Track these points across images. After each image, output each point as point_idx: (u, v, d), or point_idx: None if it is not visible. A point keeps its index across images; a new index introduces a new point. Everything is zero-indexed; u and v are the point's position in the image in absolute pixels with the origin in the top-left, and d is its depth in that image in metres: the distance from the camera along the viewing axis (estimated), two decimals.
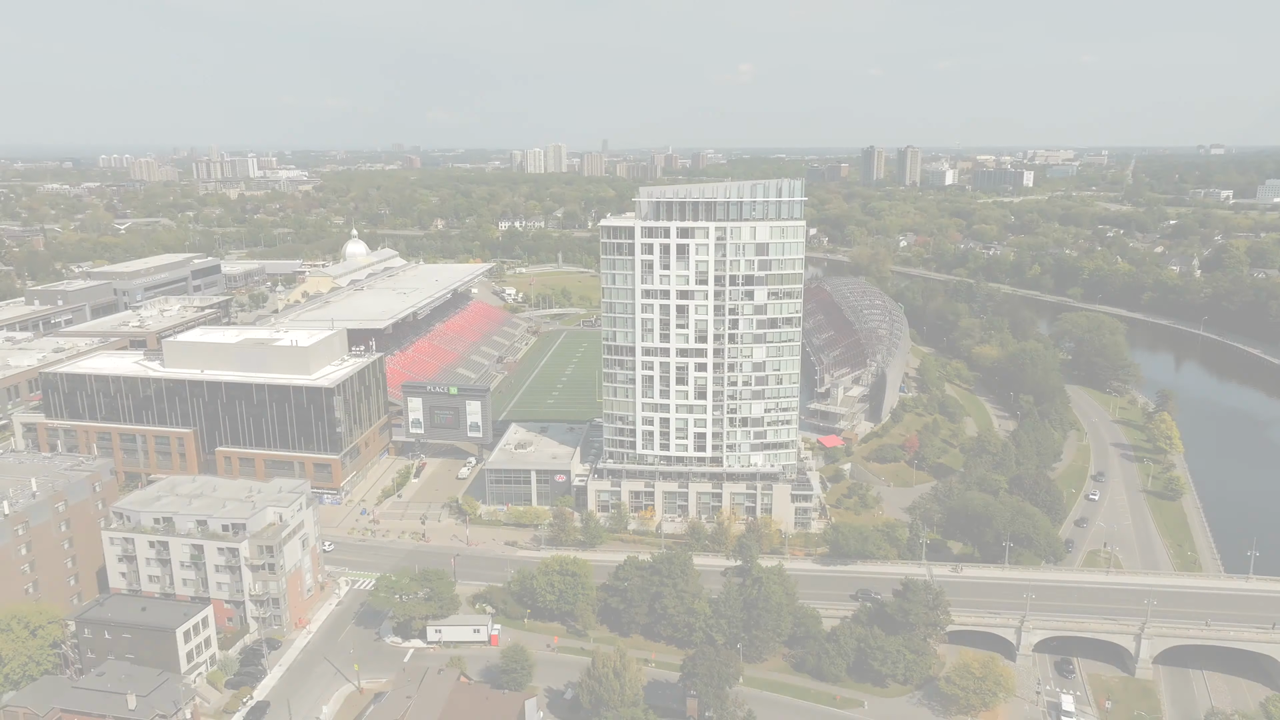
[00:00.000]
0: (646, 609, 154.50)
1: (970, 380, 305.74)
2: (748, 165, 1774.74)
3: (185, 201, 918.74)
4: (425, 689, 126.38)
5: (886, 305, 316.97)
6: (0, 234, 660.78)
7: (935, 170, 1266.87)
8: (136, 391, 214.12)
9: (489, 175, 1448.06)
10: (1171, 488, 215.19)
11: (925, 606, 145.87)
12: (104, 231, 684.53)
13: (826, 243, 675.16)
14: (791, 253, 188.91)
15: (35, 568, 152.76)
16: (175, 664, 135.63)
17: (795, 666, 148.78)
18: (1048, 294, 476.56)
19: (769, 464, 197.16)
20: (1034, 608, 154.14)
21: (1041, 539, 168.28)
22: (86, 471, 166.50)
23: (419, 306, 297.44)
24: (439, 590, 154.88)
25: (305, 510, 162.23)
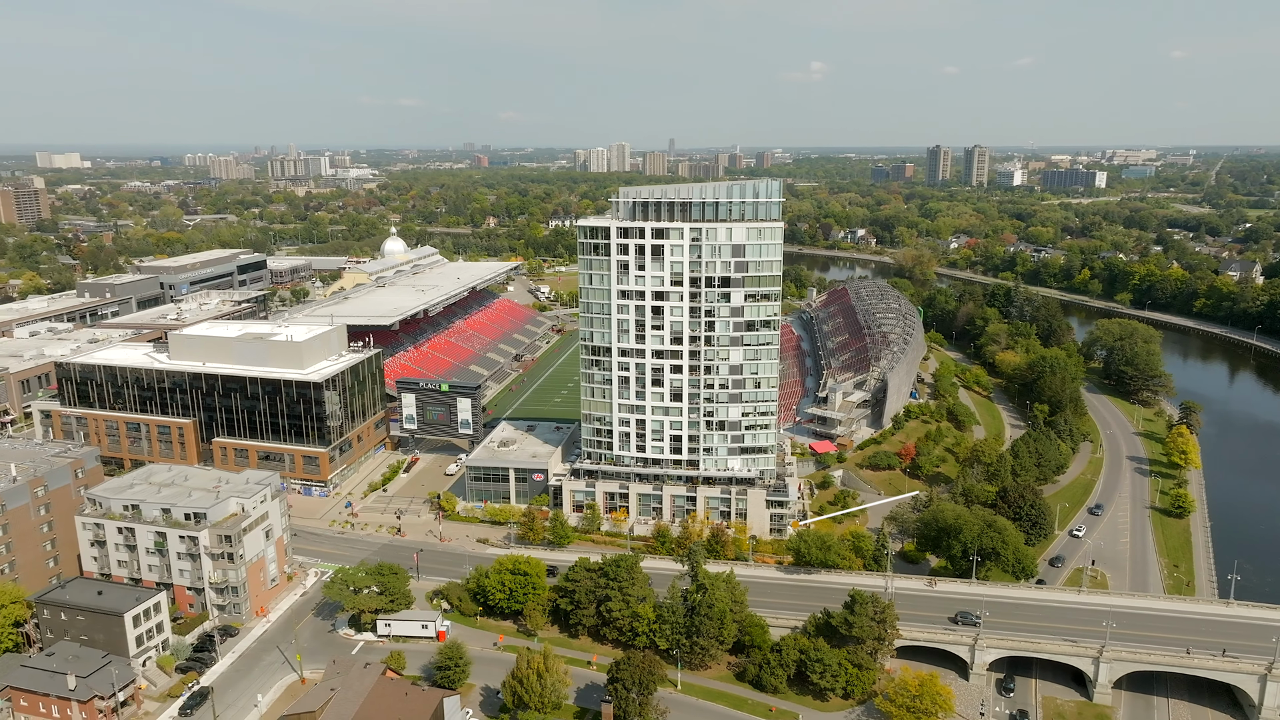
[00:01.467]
0: (594, 611, 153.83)
1: (990, 387, 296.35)
2: (812, 165, 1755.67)
3: (253, 199, 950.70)
4: (348, 682, 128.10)
5: (903, 309, 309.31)
6: (75, 229, 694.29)
7: (1004, 171, 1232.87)
8: (141, 382, 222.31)
9: (551, 174, 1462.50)
10: (1178, 505, 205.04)
11: (871, 620, 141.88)
12: (172, 227, 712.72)
13: (874, 244, 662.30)
14: (769, 254, 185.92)
15: (12, 549, 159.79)
16: (124, 647, 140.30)
17: (738, 676, 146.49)
18: (1095, 299, 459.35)
19: (746, 468, 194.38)
20: (991, 626, 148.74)
21: (1009, 555, 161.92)
22: (69, 459, 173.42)
23: (430, 304, 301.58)
24: (390, 585, 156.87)
25: (270, 502, 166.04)
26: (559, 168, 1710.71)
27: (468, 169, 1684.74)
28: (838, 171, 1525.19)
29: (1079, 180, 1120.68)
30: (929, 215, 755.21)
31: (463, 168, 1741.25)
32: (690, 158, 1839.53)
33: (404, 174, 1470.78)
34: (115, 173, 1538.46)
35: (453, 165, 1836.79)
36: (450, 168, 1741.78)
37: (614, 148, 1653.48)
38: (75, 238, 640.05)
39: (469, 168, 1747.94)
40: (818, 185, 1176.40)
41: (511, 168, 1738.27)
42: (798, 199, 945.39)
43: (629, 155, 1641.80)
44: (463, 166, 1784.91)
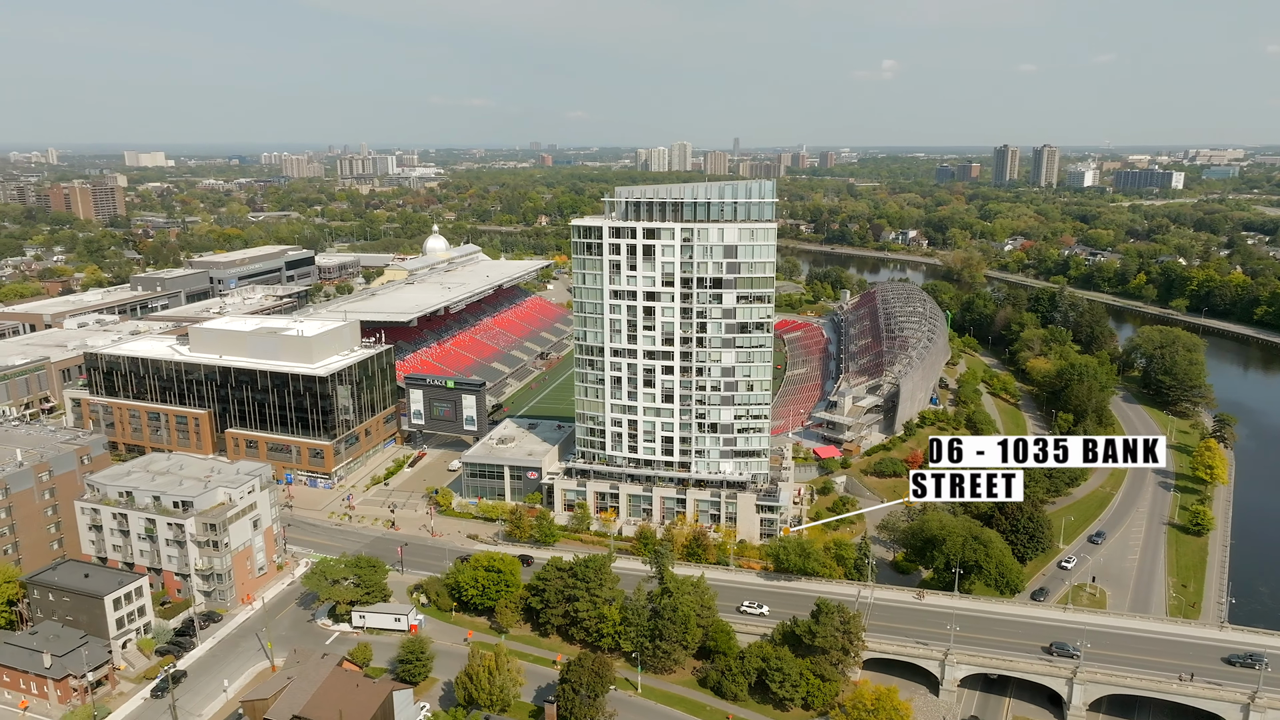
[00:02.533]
0: (562, 611, 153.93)
1: (1017, 395, 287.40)
2: (877, 165, 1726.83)
3: (318, 197, 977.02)
4: (305, 671, 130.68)
5: (928, 312, 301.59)
6: (146, 224, 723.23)
7: (1074, 171, 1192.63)
8: (161, 373, 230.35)
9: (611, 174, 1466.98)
10: (1197, 522, 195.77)
11: (836, 630, 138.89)
12: (237, 224, 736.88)
13: (926, 246, 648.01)
14: (761, 256, 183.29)
15: (15, 531, 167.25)
16: (104, 629, 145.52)
17: (700, 681, 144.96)
18: (1150, 305, 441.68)
19: (738, 472, 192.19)
20: (967, 641, 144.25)
21: (993, 569, 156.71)
22: (75, 445, 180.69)
23: (452, 301, 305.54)
24: (366, 577, 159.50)
25: (259, 493, 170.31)
26: (621, 167, 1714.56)
27: (530, 168, 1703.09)
28: (902, 171, 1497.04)
29: (1154, 181, 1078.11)
30: (988, 217, 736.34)
31: (526, 167, 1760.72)
32: (754, 157, 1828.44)
33: (467, 173, 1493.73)
34: (195, 171, 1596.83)
35: (516, 164, 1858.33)
36: (514, 166, 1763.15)
37: (675, 147, 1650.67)
38: (144, 233, 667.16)
39: (532, 166, 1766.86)
40: (878, 185, 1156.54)
41: (573, 167, 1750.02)
42: (854, 199, 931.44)
43: (690, 154, 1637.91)
44: (526, 165, 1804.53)
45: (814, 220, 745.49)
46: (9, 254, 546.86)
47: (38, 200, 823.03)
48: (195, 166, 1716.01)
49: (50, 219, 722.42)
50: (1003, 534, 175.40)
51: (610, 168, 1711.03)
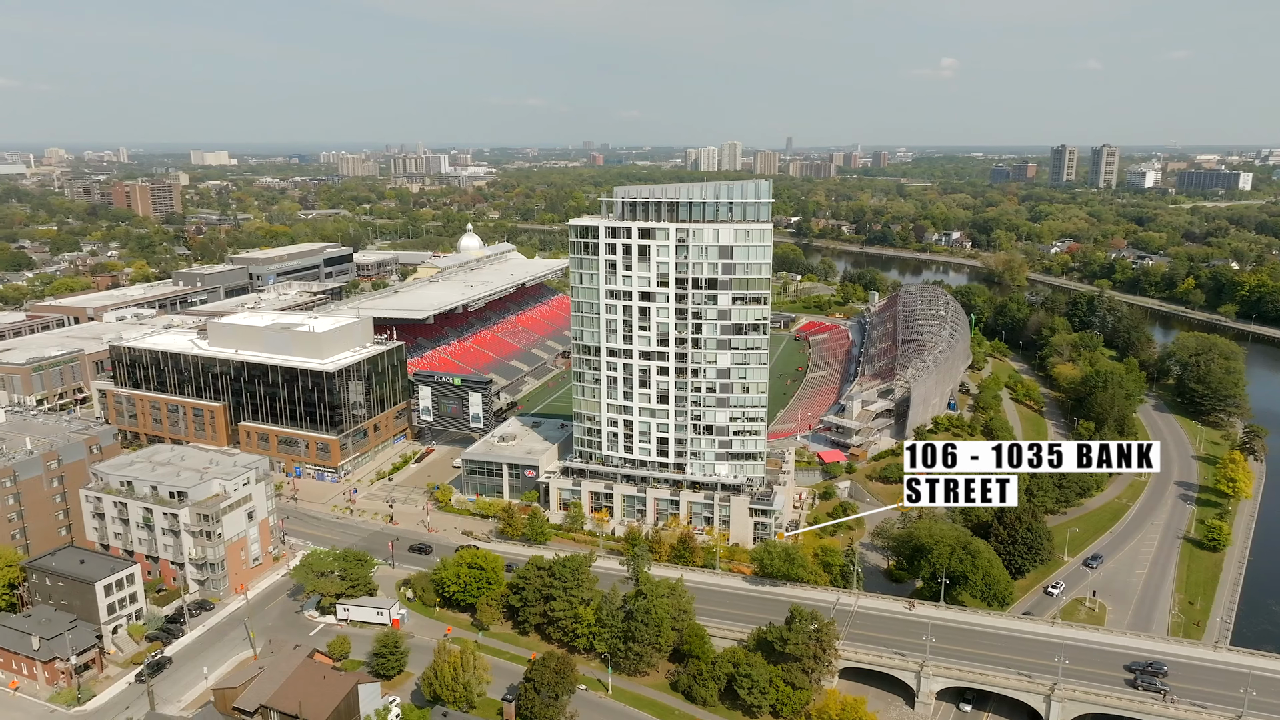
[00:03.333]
0: (540, 610, 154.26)
1: (1041, 401, 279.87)
2: (931, 164, 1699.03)
3: (368, 195, 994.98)
4: (276, 662, 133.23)
5: (949, 315, 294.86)
6: (200, 221, 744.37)
7: (1135, 172, 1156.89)
8: (180, 366, 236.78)
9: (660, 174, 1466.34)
10: (1212, 537, 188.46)
11: (808, 638, 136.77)
12: (286, 221, 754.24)
13: (969, 247, 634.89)
14: (757, 256, 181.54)
15: (24, 517, 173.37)
16: (95, 614, 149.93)
17: (672, 685, 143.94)
18: (1197, 311, 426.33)
19: (733, 474, 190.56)
20: (945, 654, 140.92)
21: (979, 580, 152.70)
22: (84, 435, 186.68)
23: (471, 299, 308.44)
24: (352, 571, 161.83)
25: (255, 485, 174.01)
26: (671, 166, 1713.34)
27: (580, 167, 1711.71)
28: (956, 172, 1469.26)
29: (1220, 182, 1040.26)
30: (1038, 218, 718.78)
31: (576, 166, 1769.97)
32: (807, 157, 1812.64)
33: (517, 172, 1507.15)
34: (255, 169, 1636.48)
35: (567, 163, 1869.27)
36: (564, 165, 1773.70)
37: (725, 146, 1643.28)
38: (197, 230, 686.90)
39: (582, 166, 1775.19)
40: (929, 186, 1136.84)
41: (623, 166, 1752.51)
42: (902, 199, 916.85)
43: (740, 154, 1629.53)
44: (576, 165, 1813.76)
45: (856, 221, 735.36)
46: (67, 249, 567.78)
47: (101, 198, 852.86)
48: (256, 165, 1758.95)
49: (111, 216, 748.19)
50: (1001, 544, 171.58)
51: (660, 167, 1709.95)
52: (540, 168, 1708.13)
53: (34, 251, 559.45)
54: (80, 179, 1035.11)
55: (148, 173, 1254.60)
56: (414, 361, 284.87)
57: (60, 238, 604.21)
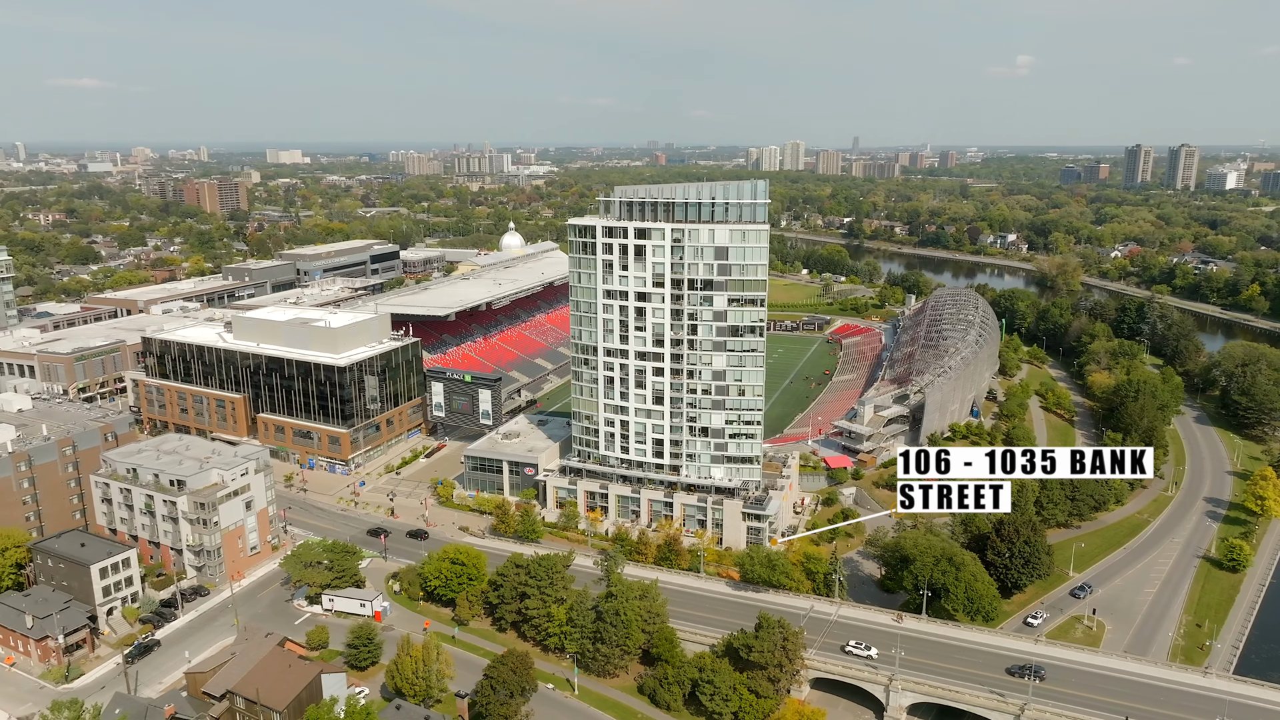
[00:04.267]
0: (515, 608, 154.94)
1: (1072, 410, 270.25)
2: (1000, 164, 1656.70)
3: (427, 193, 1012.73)
4: (247, 649, 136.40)
5: (978, 320, 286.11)
6: (262, 218, 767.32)
7: (1216, 173, 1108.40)
8: (204, 359, 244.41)
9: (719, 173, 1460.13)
10: (1232, 557, 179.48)
11: (773, 646, 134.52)
12: (346, 219, 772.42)
13: (1025, 250, 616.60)
14: (753, 258, 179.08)
15: (39, 500, 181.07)
16: (91, 596, 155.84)
17: (639, 688, 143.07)
18: (1262, 319, 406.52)
19: (728, 478, 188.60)
20: (920, 668, 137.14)
21: (961, 593, 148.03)
22: (100, 422, 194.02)
23: (495, 297, 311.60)
24: (339, 562, 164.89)
25: (254, 475, 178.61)
26: (734, 166, 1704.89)
27: (641, 166, 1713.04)
28: (1025, 172, 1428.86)
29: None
30: (1103, 220, 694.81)
31: (638, 165, 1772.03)
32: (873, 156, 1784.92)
33: (578, 171, 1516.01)
34: (325, 168, 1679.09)
35: (630, 163, 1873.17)
36: (626, 165, 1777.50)
37: (788, 146, 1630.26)
38: (259, 226, 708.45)
39: (644, 165, 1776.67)
40: (994, 187, 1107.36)
41: (685, 166, 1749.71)
42: (963, 200, 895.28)
43: (803, 154, 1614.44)
44: (638, 164, 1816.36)
45: (910, 222, 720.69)
46: (134, 244, 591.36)
47: (173, 195, 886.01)
48: (327, 164, 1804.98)
49: (180, 212, 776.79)
50: (999, 557, 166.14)
51: (722, 166, 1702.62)
52: (601, 167, 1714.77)
53: (104, 246, 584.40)
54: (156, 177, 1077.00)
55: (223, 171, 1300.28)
56: (438, 358, 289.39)
57: (129, 233, 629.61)
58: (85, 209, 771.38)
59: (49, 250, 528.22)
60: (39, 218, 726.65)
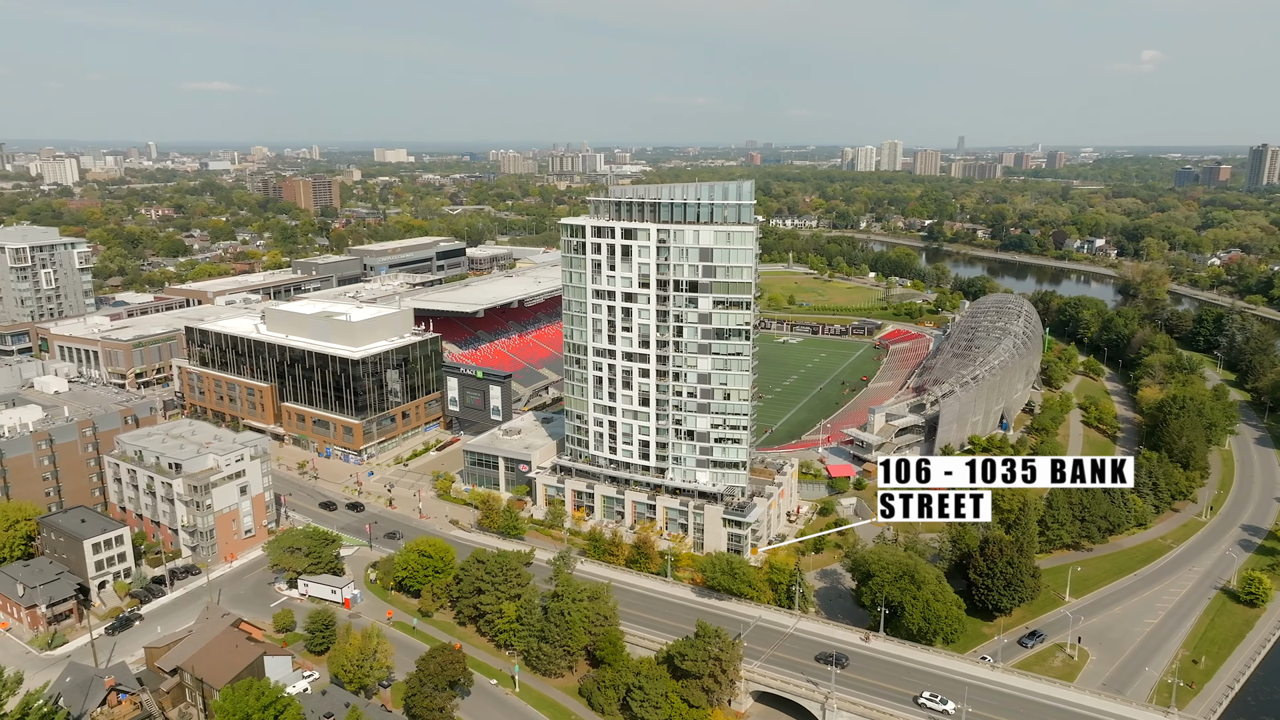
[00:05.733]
0: (472, 604, 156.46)
1: (1114, 426, 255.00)
2: (1113, 165, 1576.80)
3: (513, 192, 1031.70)
4: (203, 628, 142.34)
5: (1020, 329, 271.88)
6: (351, 215, 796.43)
7: None
8: (238, 348, 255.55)
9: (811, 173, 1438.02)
10: (1251, 590, 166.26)
11: (707, 656, 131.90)
12: (431, 216, 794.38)
13: (1113, 256, 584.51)
14: (739, 260, 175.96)
15: (58, 477, 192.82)
16: (84, 570, 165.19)
17: (580, 690, 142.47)
18: None
19: (713, 482, 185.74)
20: (862, 687, 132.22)
21: (917, 613, 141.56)
22: (122, 406, 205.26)
23: (527, 295, 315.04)
24: (316, 549, 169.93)
25: (250, 462, 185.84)
26: (830, 166, 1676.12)
27: (733, 166, 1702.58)
28: (1139, 174, 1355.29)
29: None
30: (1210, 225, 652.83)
31: (731, 165, 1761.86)
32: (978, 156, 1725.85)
33: (669, 171, 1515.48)
34: (426, 166, 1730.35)
35: (724, 162, 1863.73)
36: (719, 165, 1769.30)
37: (885, 145, 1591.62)
38: (346, 222, 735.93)
39: (737, 165, 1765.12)
40: (1099, 189, 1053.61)
41: (776, 166, 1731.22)
42: (1061, 203, 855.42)
43: (900, 154, 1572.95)
44: (732, 164, 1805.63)
45: (993, 225, 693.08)
46: (224, 238, 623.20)
47: (273, 192, 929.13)
48: (428, 162, 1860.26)
49: (277, 208, 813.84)
50: (980, 577, 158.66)
51: (816, 167, 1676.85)
52: (694, 166, 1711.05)
53: (199, 240, 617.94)
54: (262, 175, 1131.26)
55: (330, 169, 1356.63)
56: (469, 353, 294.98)
57: (223, 227, 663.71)
58: (191, 204, 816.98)
59: (146, 243, 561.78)
60: (150, 212, 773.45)
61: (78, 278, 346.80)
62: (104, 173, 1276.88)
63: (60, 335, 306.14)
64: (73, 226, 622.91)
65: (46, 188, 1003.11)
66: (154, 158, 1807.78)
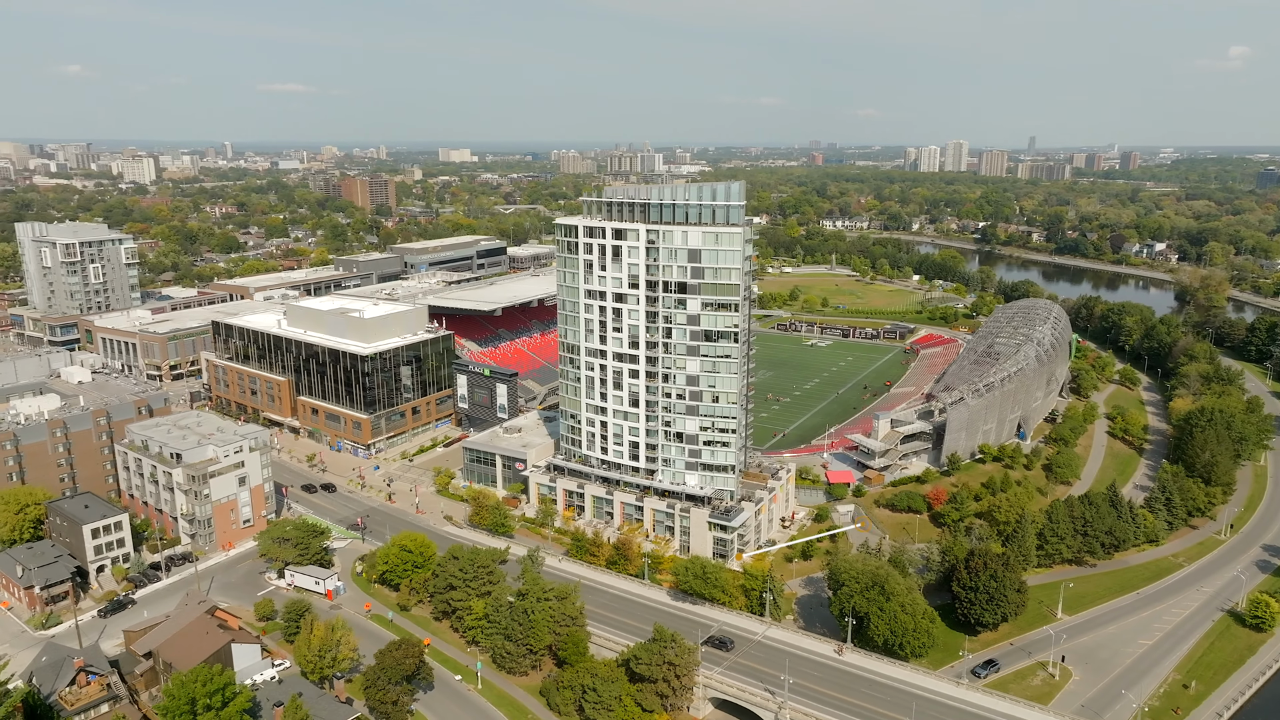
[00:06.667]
0: (445, 600, 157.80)
1: (1141, 438, 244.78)
2: (1192, 166, 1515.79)
3: (566, 192, 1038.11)
4: (179, 614, 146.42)
5: (1048, 335, 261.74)
6: (405, 213, 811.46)
7: None
8: (259, 343, 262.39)
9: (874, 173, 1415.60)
10: (1258, 613, 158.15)
11: (660, 661, 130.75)
12: (481, 215, 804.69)
13: (1174, 261, 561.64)
14: (727, 261, 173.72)
15: (73, 464, 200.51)
16: (83, 553, 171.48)
17: (541, 691, 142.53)
18: None
19: (702, 485, 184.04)
20: (819, 698, 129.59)
21: (883, 624, 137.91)
22: (135, 397, 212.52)
23: (546, 294, 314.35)
24: (303, 540, 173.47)
25: (249, 454, 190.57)
26: (893, 167, 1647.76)
27: (794, 166, 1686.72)
28: (1219, 175, 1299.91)
29: None
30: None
31: (792, 165, 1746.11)
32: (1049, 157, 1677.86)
33: (727, 171, 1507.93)
34: (489, 165, 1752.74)
35: (785, 163, 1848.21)
36: (780, 165, 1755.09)
37: (950, 146, 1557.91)
38: (400, 220, 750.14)
39: (798, 165, 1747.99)
40: (1172, 190, 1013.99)
41: (840, 166, 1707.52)
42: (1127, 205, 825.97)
43: (966, 154, 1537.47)
44: (793, 164, 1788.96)
45: (1049, 228, 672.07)
46: (278, 235, 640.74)
47: (333, 191, 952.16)
48: (490, 162, 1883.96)
49: (334, 207, 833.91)
50: (964, 590, 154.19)
51: (880, 167, 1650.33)
52: (754, 166, 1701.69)
53: (255, 237, 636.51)
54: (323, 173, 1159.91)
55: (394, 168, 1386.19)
56: (488, 351, 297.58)
57: (279, 225, 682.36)
58: (253, 202, 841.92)
59: (202, 239, 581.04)
60: (214, 210, 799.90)
61: (124, 272, 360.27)
62: (179, 171, 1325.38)
63: (103, 328, 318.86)
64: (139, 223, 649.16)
65: (124, 186, 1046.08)
66: (229, 157, 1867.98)
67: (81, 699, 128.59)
